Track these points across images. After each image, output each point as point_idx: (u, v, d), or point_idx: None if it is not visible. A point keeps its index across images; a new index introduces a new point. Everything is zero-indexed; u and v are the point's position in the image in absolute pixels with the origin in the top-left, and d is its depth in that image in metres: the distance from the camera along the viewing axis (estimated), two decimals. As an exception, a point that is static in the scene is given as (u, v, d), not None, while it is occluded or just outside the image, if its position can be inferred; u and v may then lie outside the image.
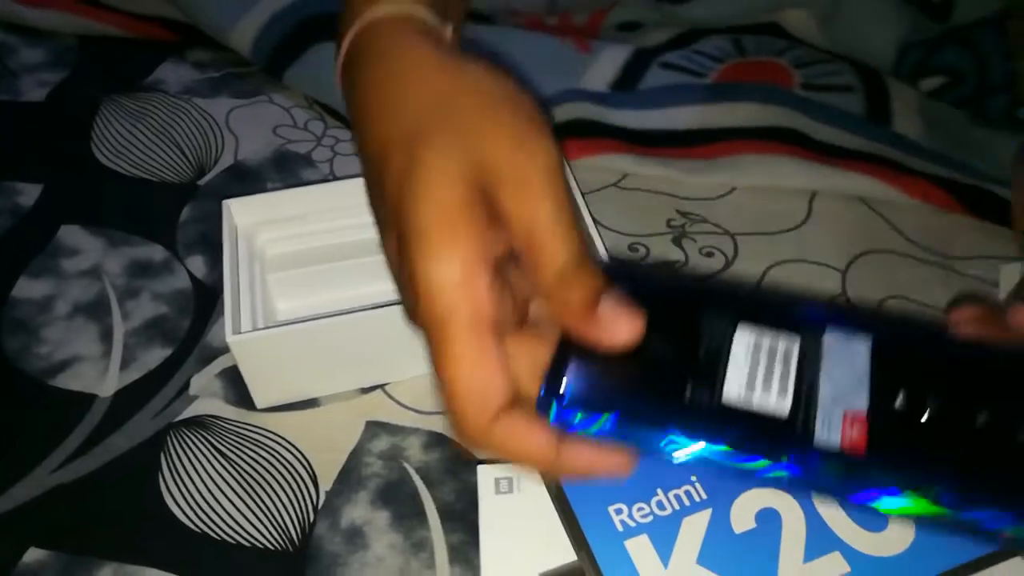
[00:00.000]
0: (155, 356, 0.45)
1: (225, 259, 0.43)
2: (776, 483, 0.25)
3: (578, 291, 0.27)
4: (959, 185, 0.51)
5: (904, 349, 0.27)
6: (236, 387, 0.44)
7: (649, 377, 0.27)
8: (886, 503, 0.24)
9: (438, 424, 0.42)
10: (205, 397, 0.43)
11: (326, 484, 0.40)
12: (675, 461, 0.25)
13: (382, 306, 0.40)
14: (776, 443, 0.25)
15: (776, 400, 0.26)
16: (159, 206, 0.53)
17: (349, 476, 0.40)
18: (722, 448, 0.25)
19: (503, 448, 0.26)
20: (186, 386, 0.44)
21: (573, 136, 0.55)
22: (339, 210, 0.47)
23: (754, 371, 0.26)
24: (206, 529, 0.38)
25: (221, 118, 0.59)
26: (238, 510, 0.39)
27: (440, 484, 0.40)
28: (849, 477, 0.24)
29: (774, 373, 0.26)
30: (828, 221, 0.51)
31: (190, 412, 0.43)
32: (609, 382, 0.26)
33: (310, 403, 0.43)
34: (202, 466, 0.41)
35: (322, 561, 0.37)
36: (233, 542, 0.38)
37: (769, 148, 0.53)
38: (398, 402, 0.43)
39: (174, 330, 0.46)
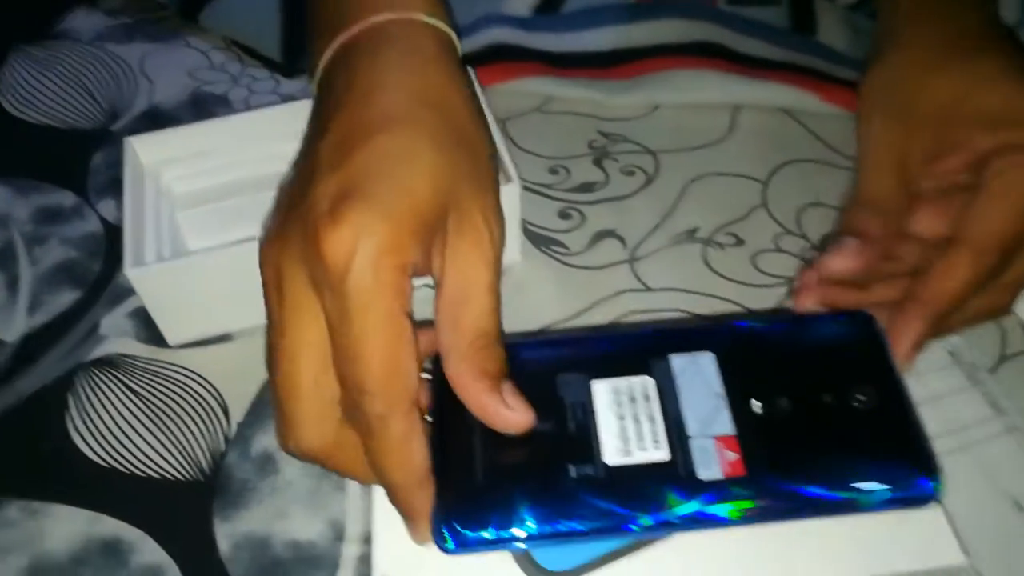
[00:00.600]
0: (64, 299, 0.44)
1: (126, 196, 0.42)
2: (691, 527, 0.26)
3: (497, 355, 0.27)
4: None
5: (744, 353, 0.29)
6: (148, 326, 0.43)
7: (531, 470, 0.27)
8: (787, 512, 0.26)
9: (352, 351, 0.42)
10: (115, 337, 0.43)
11: (238, 415, 0.40)
12: (583, 540, 0.26)
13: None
14: (666, 492, 0.26)
15: (652, 450, 0.27)
16: (70, 153, 0.52)
17: (261, 407, 0.40)
18: (622, 513, 0.26)
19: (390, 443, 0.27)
20: (95, 327, 0.43)
21: (494, 61, 0.54)
22: (247, 142, 0.46)
23: (624, 428, 0.27)
24: (114, 464, 0.38)
25: (135, 63, 0.58)
26: (148, 444, 0.39)
27: (352, 408, 0.40)
28: (747, 501, 0.26)
29: (642, 422, 0.27)
30: (750, 134, 0.51)
31: (100, 352, 0.42)
32: (497, 493, 0.27)
33: (224, 338, 0.43)
34: (111, 403, 0.40)
35: (232, 488, 0.37)
36: (142, 475, 0.38)
37: (692, 63, 0.52)
38: (312, 332, 0.43)
39: (84, 273, 0.45)
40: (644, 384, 0.28)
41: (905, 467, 0.26)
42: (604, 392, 0.28)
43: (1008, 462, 0.36)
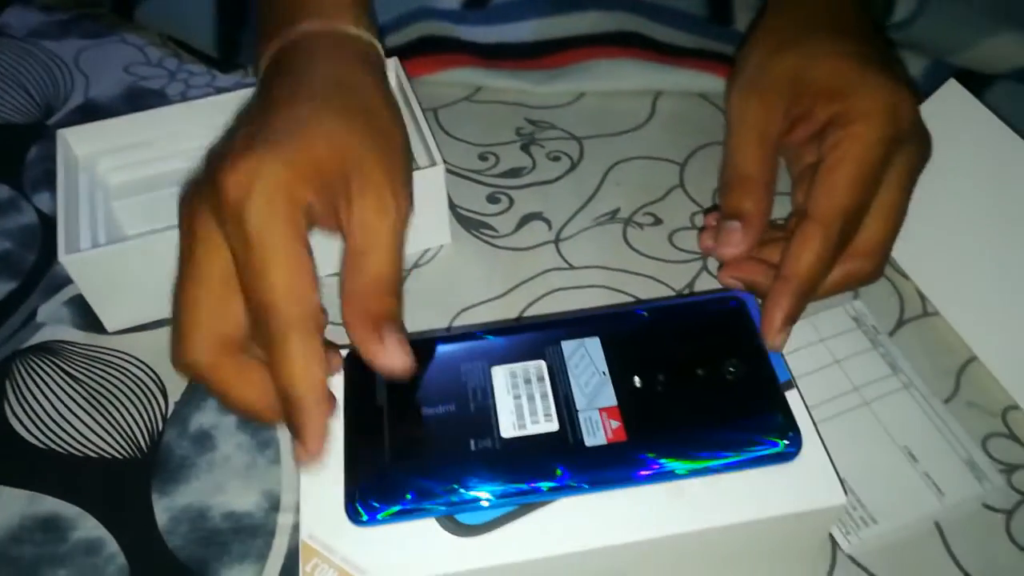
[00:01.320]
0: (0, 290, 0.45)
1: (59, 186, 0.43)
2: (578, 491, 0.29)
3: (388, 303, 0.30)
4: None
5: (626, 335, 0.33)
6: (85, 313, 0.44)
7: (434, 447, 0.30)
8: (665, 470, 0.29)
9: (286, 331, 0.43)
10: (52, 324, 0.44)
11: (175, 395, 0.41)
12: (484, 506, 0.29)
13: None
14: (558, 459, 0.29)
15: (544, 423, 0.30)
16: (5, 147, 0.52)
17: (198, 387, 0.41)
18: (517, 479, 0.29)
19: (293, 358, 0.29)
20: (33, 315, 0.44)
21: (424, 52, 0.55)
22: (183, 133, 0.47)
23: (519, 405, 0.31)
24: (53, 446, 0.39)
25: (70, 59, 0.58)
26: (86, 425, 0.40)
27: (287, 386, 0.41)
28: (628, 462, 0.29)
29: (536, 400, 0.31)
30: (670, 119, 0.53)
31: (37, 339, 0.43)
32: (403, 468, 0.29)
33: (161, 323, 0.44)
34: (49, 388, 0.41)
35: (170, 464, 0.38)
36: (80, 455, 0.39)
37: (613, 52, 0.55)
38: (247, 315, 0.44)
39: (19, 264, 0.46)
40: (538, 367, 0.32)
41: (767, 429, 0.30)
42: (502, 376, 0.32)
43: (903, 416, 0.39)
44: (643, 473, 0.29)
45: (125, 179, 0.46)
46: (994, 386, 0.40)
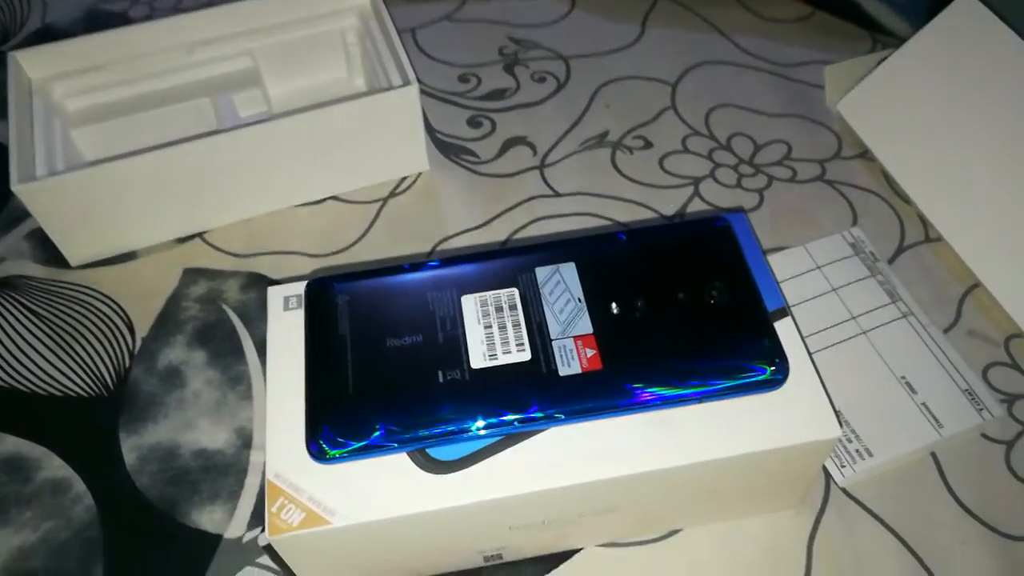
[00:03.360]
0: (-43, 223, 0.43)
1: (11, 113, 0.40)
2: (553, 422, 0.27)
3: None
4: None
5: (602, 260, 0.31)
6: (47, 247, 0.42)
7: (401, 379, 0.28)
8: (641, 399, 0.27)
9: (256, 265, 0.41)
10: (13, 259, 0.42)
11: (142, 331, 0.39)
12: (453, 440, 0.27)
13: (188, 141, 0.38)
14: (530, 389, 0.27)
15: (516, 352, 0.28)
16: (-41, 74, 0.50)
17: (166, 321, 0.39)
18: (487, 411, 0.27)
19: None
20: (-9, 250, 0.42)
21: None
22: (145, 56, 0.44)
23: (490, 335, 0.29)
24: (15, 384, 0.37)
25: (27, -20, 0.55)
26: (50, 363, 0.38)
27: (258, 320, 0.39)
28: (604, 391, 0.27)
29: (507, 329, 0.29)
30: (661, 38, 0.50)
31: (-4, 274, 0.41)
32: (367, 401, 0.28)
33: (127, 256, 0.42)
34: (10, 325, 0.39)
35: (138, 402, 0.37)
36: (44, 394, 0.37)
37: None
38: (216, 248, 0.42)
39: (-23, 196, 0.44)
40: (510, 295, 0.30)
41: (752, 355, 0.28)
42: (472, 304, 0.30)
43: (901, 345, 0.37)
44: (620, 403, 0.28)
45: (84, 104, 0.44)
46: (998, 313, 0.38)
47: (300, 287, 0.31)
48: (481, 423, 0.27)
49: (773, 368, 0.28)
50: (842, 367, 0.37)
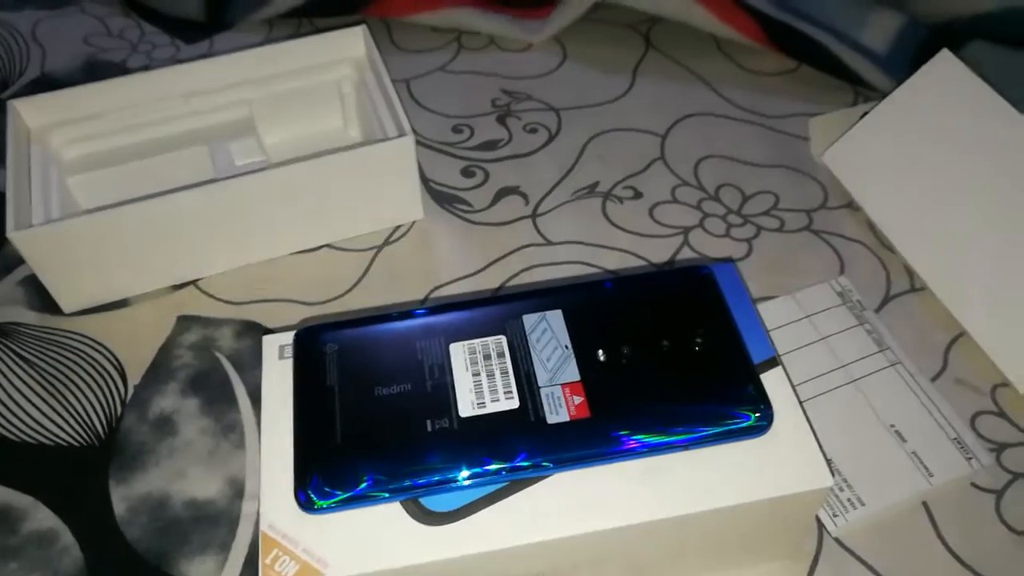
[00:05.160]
0: (-50, 269, 0.43)
1: (8, 160, 0.40)
2: (542, 470, 0.28)
3: None
4: (769, 19, 0.51)
5: (589, 308, 0.31)
6: (41, 294, 0.42)
7: (389, 429, 0.28)
8: (629, 447, 0.28)
9: (250, 313, 0.41)
10: (6, 305, 0.42)
11: (135, 379, 0.39)
12: (440, 490, 0.27)
13: (183, 190, 0.39)
14: (519, 437, 0.28)
15: (504, 400, 0.29)
16: (-43, 121, 0.50)
17: (159, 369, 0.39)
18: (475, 460, 0.27)
19: None
20: (-16, 296, 0.42)
21: None
22: (141, 105, 0.45)
23: (479, 383, 0.29)
24: (4, 432, 0.37)
25: (27, 30, 0.56)
26: (40, 411, 0.38)
27: (251, 368, 0.39)
28: (592, 439, 0.28)
29: (495, 377, 0.29)
30: (651, 89, 0.51)
31: (-11, 321, 0.41)
32: (355, 450, 0.28)
33: (120, 304, 0.42)
34: (2, 373, 0.39)
35: (128, 451, 0.37)
36: (34, 442, 0.37)
37: None
38: (210, 295, 0.42)
39: (-29, 242, 0.44)
40: (498, 342, 0.30)
41: (736, 402, 0.28)
42: (460, 352, 0.30)
43: (890, 394, 0.37)
44: (608, 450, 0.28)
45: (81, 153, 0.44)
46: (984, 362, 0.39)
47: (289, 337, 0.32)
48: (470, 472, 0.27)
49: (757, 415, 0.28)
50: (832, 415, 0.37)
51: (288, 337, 0.32)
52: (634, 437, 0.28)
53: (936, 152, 0.42)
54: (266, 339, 0.32)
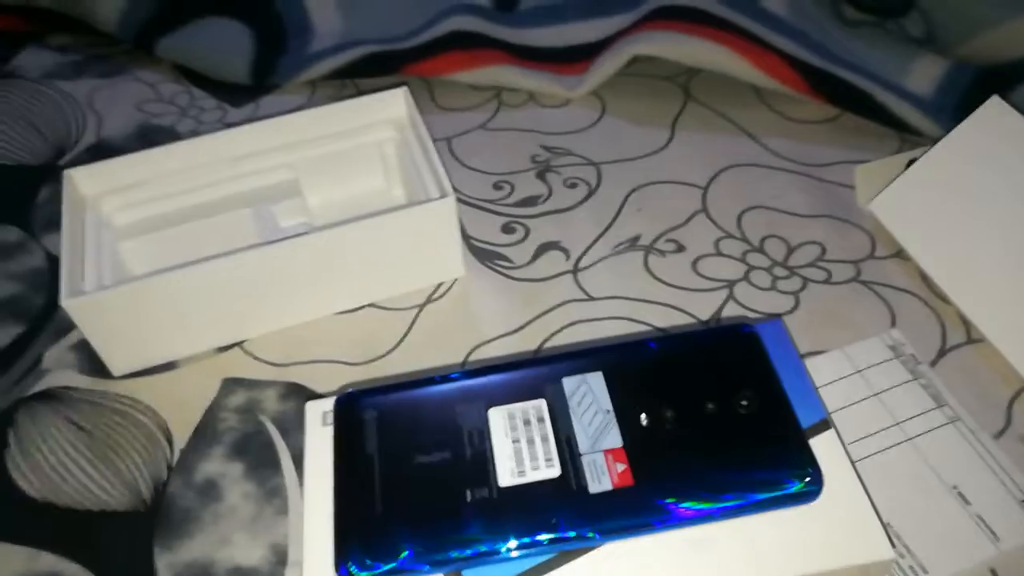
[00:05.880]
0: (6, 334, 0.44)
1: (64, 227, 0.42)
2: (586, 541, 0.27)
3: None
4: (810, 67, 0.50)
5: (630, 370, 0.30)
6: (91, 358, 0.43)
7: (429, 498, 0.28)
8: (680, 514, 0.27)
9: (294, 374, 0.41)
10: (58, 370, 0.42)
11: (180, 442, 0.39)
12: (478, 563, 0.27)
13: (230, 254, 0.40)
14: (559, 509, 0.27)
15: (545, 468, 0.28)
16: (16, 189, 0.52)
17: (204, 432, 0.40)
18: (515, 532, 0.27)
19: None
20: (38, 361, 0.43)
21: (456, 48, 0.54)
22: (189, 170, 0.46)
23: (518, 450, 0.29)
24: (53, 499, 0.38)
25: (83, 98, 0.58)
26: (89, 477, 0.38)
27: (295, 431, 0.39)
28: (636, 509, 0.27)
29: (535, 443, 0.29)
30: (690, 141, 0.51)
31: (42, 386, 0.42)
32: (394, 522, 0.27)
33: (167, 366, 0.42)
34: (52, 437, 0.40)
35: (174, 517, 0.37)
36: (81, 508, 0.37)
37: (636, 29, 0.53)
38: (255, 357, 0.42)
39: (27, 307, 0.45)
40: (538, 407, 0.30)
41: (786, 469, 0.27)
42: (499, 418, 0.29)
43: (950, 453, 0.36)
44: (653, 520, 0.27)
45: (132, 219, 0.45)
46: (1049, 418, 0.37)
47: (330, 403, 0.32)
48: (512, 543, 0.27)
49: (806, 480, 0.27)
50: (889, 476, 0.35)
51: (331, 403, 0.32)
52: (679, 506, 0.27)
53: (988, 199, 0.41)
54: (309, 405, 0.32)
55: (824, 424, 0.30)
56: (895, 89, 0.50)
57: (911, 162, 0.45)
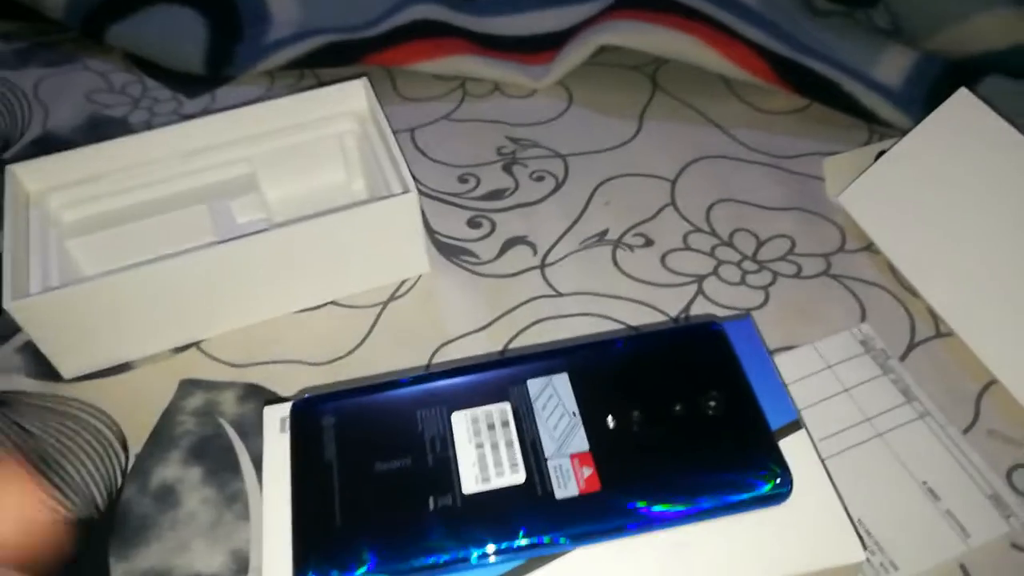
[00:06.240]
0: (-51, 337, 0.42)
1: (6, 226, 0.40)
2: (553, 548, 0.26)
3: None
4: (778, 57, 0.50)
5: (596, 371, 0.30)
6: (40, 360, 0.41)
7: (391, 507, 0.27)
8: (649, 518, 0.26)
9: (254, 375, 0.40)
10: (4, 374, 0.41)
11: (136, 447, 0.38)
12: (460, 570, 0.26)
13: (185, 253, 0.38)
14: (525, 516, 0.26)
15: (510, 474, 0.27)
16: (-42, 184, 0.50)
17: (160, 436, 0.38)
18: (480, 541, 0.26)
19: None
20: (-17, 365, 0.41)
21: (420, 36, 0.53)
22: (139, 166, 0.45)
23: (482, 456, 0.28)
24: (1, 508, 0.36)
25: (29, 89, 0.56)
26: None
27: (255, 435, 0.38)
28: (604, 514, 0.26)
29: (500, 448, 0.28)
30: (659, 133, 0.51)
31: (-13, 391, 0.40)
32: (354, 531, 0.26)
33: (122, 368, 0.41)
34: (0, 444, 0.38)
35: (129, 524, 0.35)
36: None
37: (602, 18, 0.52)
38: (213, 357, 0.41)
39: (-29, 309, 0.43)
40: (502, 410, 0.29)
41: (755, 470, 0.27)
42: (462, 422, 0.28)
43: (920, 449, 0.36)
44: (621, 524, 0.26)
45: (81, 215, 0.44)
46: (1017, 412, 0.37)
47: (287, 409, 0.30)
48: (477, 552, 0.26)
49: (775, 482, 0.27)
50: (859, 472, 0.35)
51: (286, 409, 0.31)
52: (649, 510, 0.26)
53: (957, 191, 0.41)
54: (267, 411, 0.31)
55: (795, 425, 0.29)
56: (864, 79, 0.50)
57: (880, 154, 0.45)
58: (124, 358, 0.41)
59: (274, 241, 0.39)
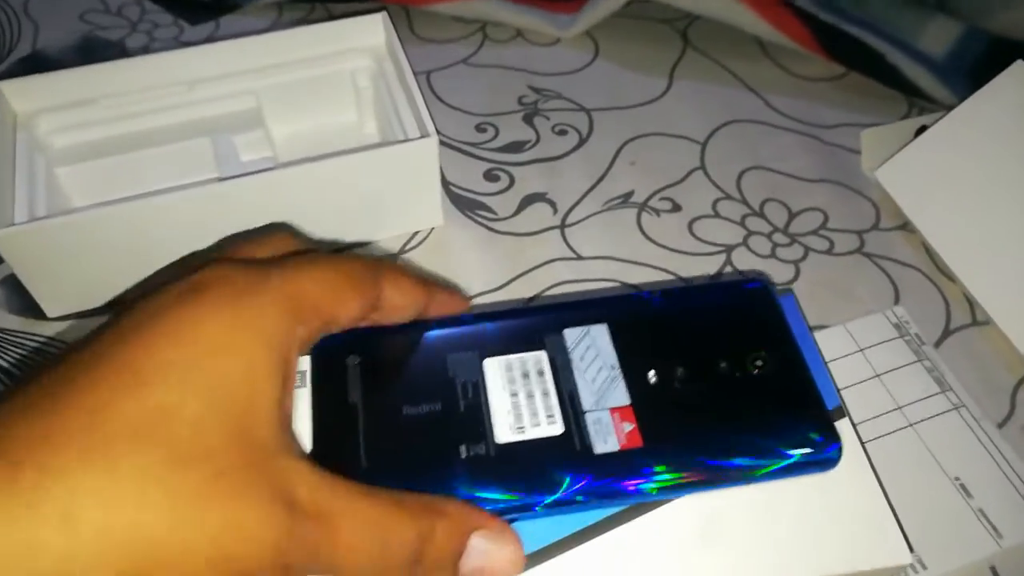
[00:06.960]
0: (-75, 265, 0.39)
1: (-8, 147, 0.37)
2: (582, 507, 0.25)
3: None
4: (821, 23, 0.47)
5: (636, 323, 0.28)
6: (23, 295, 0.38)
7: (418, 453, 0.25)
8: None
9: (253, 323, 0.38)
10: (-17, 307, 0.38)
11: (123, 395, 0.36)
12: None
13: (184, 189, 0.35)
14: (561, 467, 0.25)
15: (546, 426, 0.26)
16: (-61, 101, 0.46)
17: (150, 385, 0.36)
18: (515, 492, 0.24)
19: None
20: (-39, 296, 0.38)
21: None
22: (136, 92, 0.41)
23: (517, 405, 0.26)
24: (-23, 452, 0.34)
25: (18, 3, 0.52)
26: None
27: (252, 387, 0.36)
28: (639, 469, 0.25)
29: (535, 398, 0.26)
30: (689, 92, 0.48)
31: (-36, 325, 0.37)
32: (381, 478, 0.24)
33: (109, 308, 0.38)
34: (-24, 383, 0.36)
35: (113, 478, 0.33)
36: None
37: None
38: (209, 302, 0.38)
39: (-51, 236, 0.40)
40: (538, 359, 0.27)
41: (802, 431, 0.25)
42: (496, 369, 0.26)
43: (953, 441, 0.34)
44: (665, 486, 0.25)
45: (72, 141, 0.41)
46: (1054, 408, 0.36)
47: (305, 362, 0.28)
48: (509, 505, 0.24)
49: (825, 446, 0.25)
50: (889, 463, 0.33)
51: (303, 363, 0.28)
52: (691, 472, 0.25)
53: (1003, 172, 0.39)
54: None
55: (838, 412, 0.28)
56: (908, 50, 0.47)
57: (921, 129, 0.43)
58: (111, 298, 0.38)
59: (281, 181, 0.36)
